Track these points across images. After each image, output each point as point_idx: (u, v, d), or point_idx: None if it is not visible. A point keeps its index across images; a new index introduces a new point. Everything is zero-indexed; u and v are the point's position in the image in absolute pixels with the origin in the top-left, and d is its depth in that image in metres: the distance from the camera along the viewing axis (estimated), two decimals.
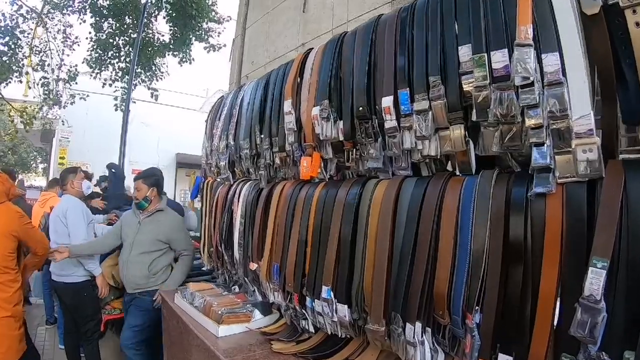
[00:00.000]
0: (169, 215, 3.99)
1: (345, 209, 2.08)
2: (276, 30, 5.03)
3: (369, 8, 3.61)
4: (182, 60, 13.71)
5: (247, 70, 5.71)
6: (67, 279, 4.06)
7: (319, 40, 4.09)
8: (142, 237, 3.79)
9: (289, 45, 4.70)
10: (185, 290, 3.12)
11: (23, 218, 3.33)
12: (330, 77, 2.24)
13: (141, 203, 3.91)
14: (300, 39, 4.53)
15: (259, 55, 5.39)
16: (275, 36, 5.03)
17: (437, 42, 1.71)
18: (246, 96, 3.17)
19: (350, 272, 2.02)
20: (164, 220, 3.90)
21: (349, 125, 2.09)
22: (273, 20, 5.14)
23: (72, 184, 4.37)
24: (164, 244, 3.83)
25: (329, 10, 4.14)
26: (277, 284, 2.48)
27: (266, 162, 2.74)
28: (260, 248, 2.72)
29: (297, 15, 4.61)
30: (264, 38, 5.29)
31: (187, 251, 3.92)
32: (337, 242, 2.08)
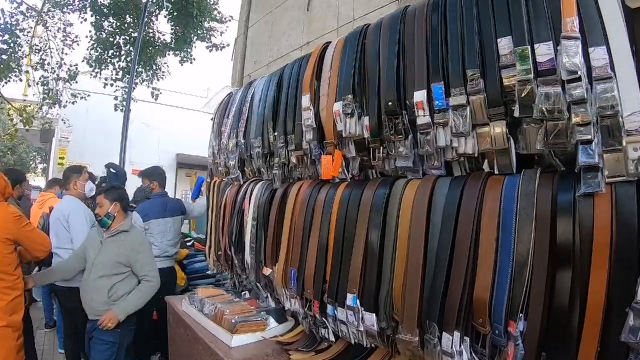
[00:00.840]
0: (131, 235, 3.52)
1: (373, 211, 1.95)
2: (280, 29, 4.96)
3: (375, 6, 3.52)
4: (183, 59, 13.54)
5: (250, 69, 5.62)
6: (68, 282, 3.84)
7: (324, 39, 4.00)
8: (103, 258, 3.35)
9: (293, 45, 4.62)
10: (194, 296, 2.96)
11: (20, 220, 3.13)
12: (354, 71, 2.11)
13: (103, 220, 3.45)
14: (305, 38, 4.45)
15: (262, 55, 5.31)
16: (279, 35, 4.95)
17: (473, 33, 1.62)
18: (257, 92, 3.03)
19: (378, 279, 1.90)
20: (126, 240, 3.44)
21: (375, 121, 1.96)
22: (276, 19, 5.07)
23: (75, 184, 4.22)
24: (126, 267, 3.36)
25: (334, 9, 4.05)
26: (295, 290, 2.35)
27: (281, 161, 2.60)
28: (275, 252, 2.58)
29: (301, 14, 4.53)
30: (267, 37, 5.21)
31: (149, 277, 3.38)
32: (363, 246, 1.95)
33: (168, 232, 4.60)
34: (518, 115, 1.48)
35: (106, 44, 12.58)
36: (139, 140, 14.43)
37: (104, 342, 3.25)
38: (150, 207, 4.70)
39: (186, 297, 3.06)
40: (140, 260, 3.37)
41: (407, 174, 1.98)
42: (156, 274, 3.43)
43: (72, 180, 4.21)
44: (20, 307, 3.09)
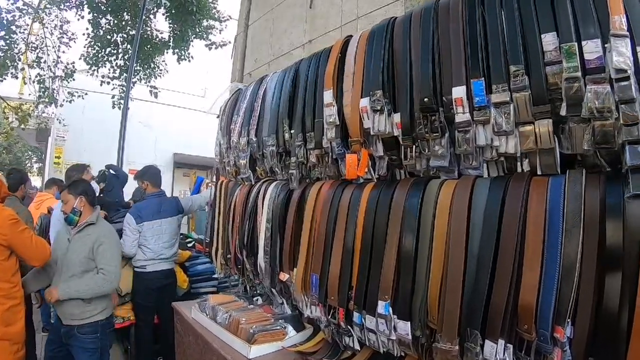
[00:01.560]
0: (98, 227, 3.36)
1: (406, 213, 1.84)
2: (281, 27, 4.89)
3: (380, 4, 3.47)
4: (181, 58, 13.41)
5: (250, 68, 5.54)
6: None
7: (327, 37, 3.98)
8: (72, 256, 3.18)
9: (295, 43, 4.56)
10: (205, 303, 2.80)
11: (16, 224, 2.92)
12: (383, 66, 2.00)
13: (70, 217, 3.28)
14: (307, 35, 4.38)
15: (263, 53, 5.23)
16: (280, 33, 4.88)
17: (515, 27, 1.55)
18: (269, 88, 2.90)
19: (412, 285, 1.79)
20: (93, 233, 3.27)
21: (407, 118, 1.86)
22: (277, 17, 5.00)
23: None
24: (93, 262, 3.21)
25: (338, 7, 3.99)
26: (316, 297, 2.22)
27: (298, 160, 2.46)
28: (293, 257, 2.45)
29: (303, 12, 4.47)
30: (268, 35, 5.14)
31: (105, 271, 3.18)
32: (396, 250, 1.84)
33: (163, 233, 4.42)
34: (565, 114, 1.42)
35: (103, 42, 12.50)
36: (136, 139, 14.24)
37: (86, 350, 3.13)
38: (143, 209, 4.51)
39: (196, 303, 2.90)
40: (101, 252, 3.19)
41: (439, 174, 1.88)
42: (115, 270, 3.26)
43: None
44: (17, 318, 2.91)
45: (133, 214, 4.41)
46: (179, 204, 4.72)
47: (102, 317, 3.22)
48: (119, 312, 4.35)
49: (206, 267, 5.14)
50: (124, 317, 4.38)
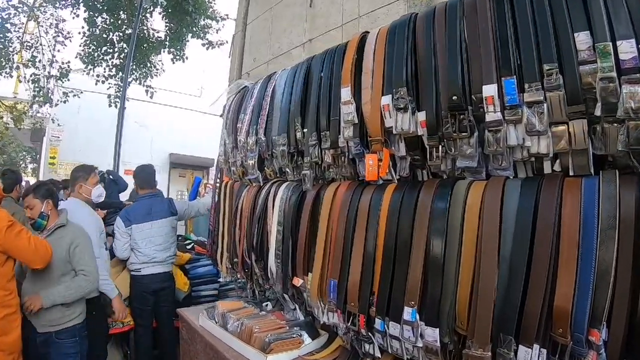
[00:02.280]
0: (69, 228, 3.24)
1: (434, 216, 1.76)
2: (280, 26, 4.83)
3: (382, 3, 3.41)
4: (175, 58, 13.30)
5: (248, 67, 5.47)
6: None
7: (328, 36, 3.94)
8: None
9: (295, 42, 4.51)
10: (213, 310, 2.69)
11: (11, 228, 2.77)
12: (406, 62, 1.92)
13: (38, 222, 3.18)
14: (307, 34, 4.33)
15: (262, 52, 5.17)
16: (280, 32, 4.83)
17: (547, 25, 1.51)
18: (279, 86, 2.80)
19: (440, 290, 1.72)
20: (65, 235, 3.16)
21: (433, 117, 1.78)
22: (277, 16, 4.94)
23: (81, 187, 3.74)
24: (70, 264, 3.12)
25: (339, 5, 3.94)
26: (335, 303, 2.12)
27: (312, 160, 2.35)
28: (307, 261, 2.36)
29: (303, 11, 4.41)
30: (267, 34, 5.09)
31: (86, 272, 3.12)
32: (423, 255, 1.76)
33: (154, 236, 4.27)
34: (600, 114, 1.39)
35: (99, 41, 12.37)
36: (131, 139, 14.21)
37: (68, 355, 3.05)
38: (132, 211, 4.39)
39: (204, 310, 2.79)
40: (79, 254, 3.11)
41: (465, 175, 1.82)
42: (95, 270, 3.19)
43: (79, 182, 3.74)
44: (13, 327, 2.77)
45: (122, 217, 4.31)
46: (171, 206, 4.54)
47: (80, 321, 3.14)
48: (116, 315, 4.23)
49: (207, 270, 5.01)
50: (123, 322, 4.21)
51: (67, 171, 13.66)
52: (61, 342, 3.02)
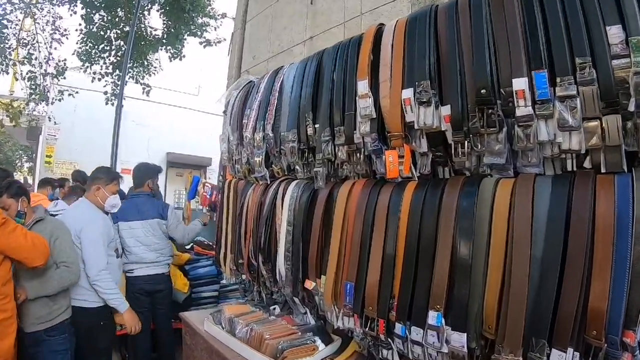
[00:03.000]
0: (48, 222, 3.14)
1: (460, 215, 1.67)
2: (281, 23, 4.71)
3: (385, 0, 3.29)
4: (173, 56, 13.19)
5: (248, 65, 5.34)
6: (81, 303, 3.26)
7: (330, 33, 3.84)
8: None
9: (295, 39, 4.38)
10: (219, 314, 2.57)
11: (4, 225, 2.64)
12: (429, 54, 1.84)
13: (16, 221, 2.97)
14: (308, 32, 4.21)
15: (261, 50, 5.04)
16: (280, 30, 4.70)
17: (578, 18, 1.46)
18: (287, 80, 2.69)
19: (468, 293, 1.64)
20: (44, 229, 3.04)
21: (458, 111, 1.70)
22: (277, 13, 4.82)
23: (99, 190, 3.46)
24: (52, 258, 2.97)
25: (341, 2, 3.82)
26: (350, 307, 2.02)
27: (325, 157, 2.23)
28: (319, 263, 2.24)
29: (304, 8, 4.30)
30: (267, 32, 4.96)
31: (68, 263, 3.04)
32: (449, 256, 1.67)
33: (143, 236, 4.11)
34: (634, 110, 1.33)
35: (97, 38, 12.23)
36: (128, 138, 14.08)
37: (58, 352, 2.96)
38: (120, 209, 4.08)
39: (209, 315, 2.66)
40: (59, 246, 3.01)
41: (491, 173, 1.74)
42: (76, 262, 3.10)
43: (98, 184, 3.47)
44: (7, 332, 2.63)
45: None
46: (159, 209, 4.32)
47: (67, 316, 3.06)
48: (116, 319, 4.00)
49: (207, 271, 4.88)
50: (121, 325, 4.09)
51: (63, 170, 13.57)
52: (52, 339, 2.93)
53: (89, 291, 3.22)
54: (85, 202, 3.51)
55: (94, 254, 3.24)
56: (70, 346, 3.04)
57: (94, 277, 3.18)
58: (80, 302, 3.21)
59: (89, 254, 3.22)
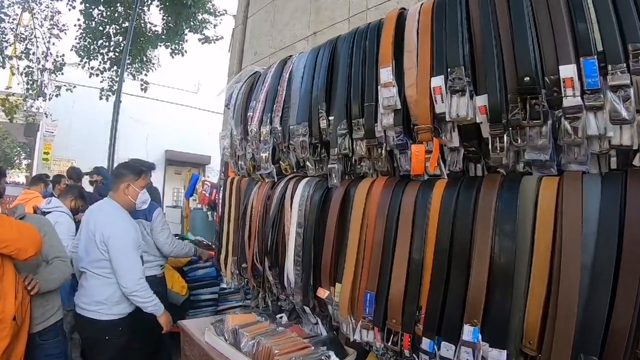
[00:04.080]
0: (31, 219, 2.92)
1: (500, 217, 1.49)
2: (283, 19, 4.60)
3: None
4: (174, 52, 13.06)
5: (249, 61, 5.21)
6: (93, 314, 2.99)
7: (334, 29, 3.70)
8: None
9: (298, 35, 4.28)
10: (222, 325, 2.35)
11: None
12: (461, 38, 1.65)
13: None
14: (312, 28, 4.11)
15: (263, 46, 4.94)
16: (282, 25, 4.59)
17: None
18: (297, 69, 2.49)
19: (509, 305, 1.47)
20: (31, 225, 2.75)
21: (497, 101, 1.51)
22: (279, 9, 4.71)
23: (128, 188, 3.16)
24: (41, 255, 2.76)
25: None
26: (370, 319, 1.82)
27: (341, 152, 2.03)
28: (334, 269, 2.05)
29: (307, 3, 4.21)
30: (269, 27, 4.86)
31: (63, 257, 2.89)
32: (488, 263, 1.47)
33: None
34: None
35: (95, 34, 12.08)
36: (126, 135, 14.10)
37: (54, 356, 2.81)
38: None
39: (210, 325, 2.43)
40: (49, 242, 2.80)
41: (532, 171, 1.56)
42: (68, 256, 2.98)
43: (127, 181, 3.17)
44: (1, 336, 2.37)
45: None
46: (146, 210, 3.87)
47: (59, 317, 2.89)
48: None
49: (206, 272, 4.71)
50: None
51: (60, 167, 13.40)
52: (45, 343, 2.76)
53: (104, 304, 2.97)
54: (111, 204, 3.19)
55: (129, 265, 2.98)
56: (64, 349, 2.92)
57: (132, 287, 2.93)
58: (92, 314, 2.97)
59: (124, 266, 2.96)
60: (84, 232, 3.09)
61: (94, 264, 2.98)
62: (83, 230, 3.13)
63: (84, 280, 3.04)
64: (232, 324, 2.25)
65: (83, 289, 3.03)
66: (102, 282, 2.95)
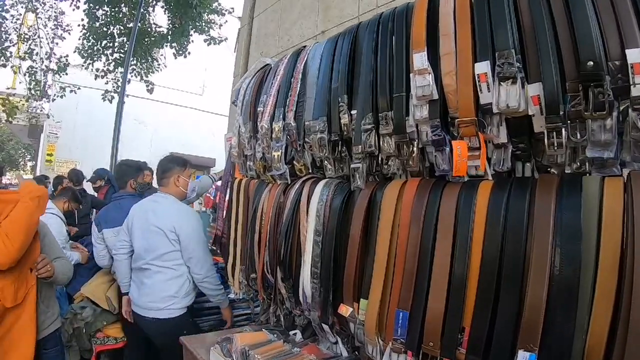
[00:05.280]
0: None
1: (561, 225, 1.27)
2: (290, 18, 4.56)
3: None
4: (178, 52, 12.95)
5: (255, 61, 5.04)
6: (165, 313, 3.00)
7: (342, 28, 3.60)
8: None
9: (306, 34, 4.24)
10: (229, 344, 2.11)
11: None
12: (509, 18, 1.43)
13: None
14: (320, 26, 4.07)
15: (270, 46, 4.92)
16: (289, 25, 4.56)
17: None
18: (313, 60, 2.25)
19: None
20: None
21: (554, 89, 1.30)
22: (286, 8, 4.67)
23: (179, 179, 3.25)
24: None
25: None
26: (403, 341, 1.58)
27: (366, 150, 1.79)
28: (358, 283, 1.80)
29: (315, 1, 4.17)
30: (275, 27, 4.84)
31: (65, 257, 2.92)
32: (547, 278, 1.26)
33: None
34: None
35: (99, 34, 12.09)
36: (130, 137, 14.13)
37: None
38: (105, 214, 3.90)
39: (217, 344, 2.18)
40: (49, 244, 2.75)
41: (591, 170, 1.35)
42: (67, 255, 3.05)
43: (176, 173, 3.26)
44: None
45: (95, 220, 3.91)
46: None
47: (59, 325, 2.83)
48: (111, 331, 3.80)
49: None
50: (116, 338, 3.81)
51: (64, 169, 13.33)
52: (47, 352, 2.66)
53: (175, 297, 3.00)
54: (167, 197, 3.24)
55: (204, 251, 3.09)
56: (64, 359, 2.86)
57: (206, 273, 3.04)
58: (161, 313, 2.97)
59: (198, 252, 3.04)
60: (142, 229, 3.10)
61: (162, 257, 3.00)
62: (137, 227, 3.15)
63: (146, 278, 3.04)
64: (241, 344, 2.00)
65: (146, 287, 3.02)
66: (169, 276, 2.99)
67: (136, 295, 3.11)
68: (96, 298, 3.77)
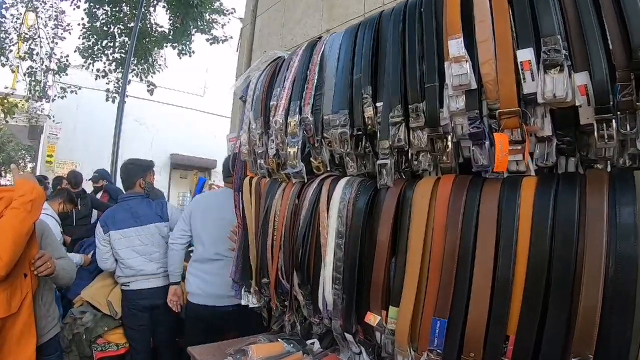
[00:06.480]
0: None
1: (616, 225, 1.17)
2: (294, 17, 4.52)
3: None
4: (182, 52, 12.93)
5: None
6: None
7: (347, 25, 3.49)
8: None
9: (310, 33, 4.16)
10: (243, 355, 1.97)
11: None
12: (554, 3, 1.33)
13: None
14: (324, 25, 4.00)
15: (273, 45, 4.83)
16: (293, 24, 4.51)
17: None
18: (332, 49, 2.12)
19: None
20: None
21: (604, 78, 1.21)
22: (290, 6, 4.64)
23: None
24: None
25: None
26: (440, 352, 1.45)
27: (395, 145, 1.66)
28: (387, 289, 1.67)
29: (320, 0, 4.13)
30: (279, 26, 4.80)
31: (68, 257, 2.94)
32: (602, 281, 1.16)
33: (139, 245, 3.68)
34: None
35: (100, 34, 12.10)
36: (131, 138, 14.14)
37: None
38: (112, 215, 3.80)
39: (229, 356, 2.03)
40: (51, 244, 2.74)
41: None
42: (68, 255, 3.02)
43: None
44: None
45: (100, 221, 3.80)
46: (157, 209, 3.87)
47: (58, 330, 2.82)
48: (112, 337, 3.72)
49: None
50: (118, 344, 3.74)
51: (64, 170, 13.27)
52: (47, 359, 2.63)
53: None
54: (226, 191, 3.35)
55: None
56: None
57: None
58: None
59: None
60: (215, 221, 3.23)
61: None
62: (210, 219, 3.31)
63: (219, 269, 3.12)
64: (257, 356, 1.86)
65: (219, 277, 3.06)
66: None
67: (209, 286, 3.19)
68: (97, 302, 3.68)
